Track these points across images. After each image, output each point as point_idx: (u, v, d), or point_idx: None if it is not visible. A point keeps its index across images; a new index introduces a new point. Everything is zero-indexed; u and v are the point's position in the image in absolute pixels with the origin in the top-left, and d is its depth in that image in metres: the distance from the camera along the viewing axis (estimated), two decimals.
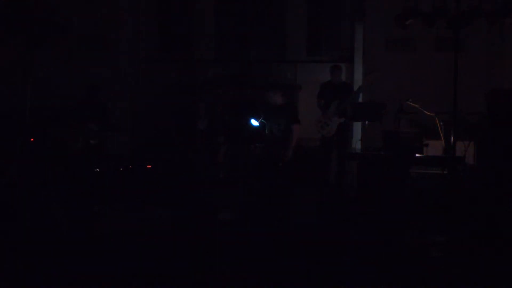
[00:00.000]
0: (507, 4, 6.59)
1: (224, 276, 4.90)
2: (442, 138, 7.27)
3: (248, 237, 5.93)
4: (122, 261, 5.28)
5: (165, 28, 12.19)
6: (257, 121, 6.99)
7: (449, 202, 6.51)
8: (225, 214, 6.69)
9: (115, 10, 10.72)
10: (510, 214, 6.11)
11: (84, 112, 7.39)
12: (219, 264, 5.19)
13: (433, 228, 6.23)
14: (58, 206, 7.30)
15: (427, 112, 7.49)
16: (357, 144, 9.81)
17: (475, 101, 7.73)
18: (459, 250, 5.66)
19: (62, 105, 9.10)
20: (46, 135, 8.47)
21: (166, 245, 5.78)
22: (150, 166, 7.90)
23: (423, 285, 4.75)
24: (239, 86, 11.82)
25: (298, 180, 8.88)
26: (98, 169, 7.65)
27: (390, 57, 10.38)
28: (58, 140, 7.67)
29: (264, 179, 7.24)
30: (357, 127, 10.92)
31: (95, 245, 5.79)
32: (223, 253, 5.57)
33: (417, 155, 7.35)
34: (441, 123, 7.35)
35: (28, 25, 7.26)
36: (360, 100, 9.13)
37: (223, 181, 9.39)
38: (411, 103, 7.61)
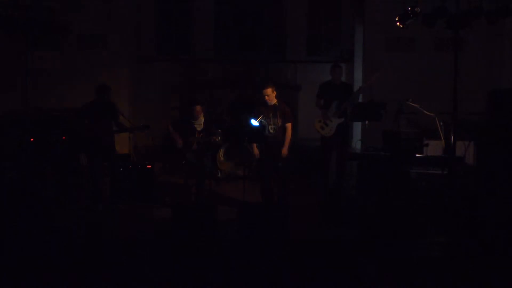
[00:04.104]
0: (507, 4, 6.59)
1: (224, 276, 4.90)
2: (442, 138, 7.26)
3: (248, 238, 5.93)
4: (123, 261, 5.29)
5: (165, 28, 12.20)
6: (257, 121, 6.99)
7: (449, 202, 6.51)
8: (225, 214, 6.69)
9: (115, 10, 10.72)
10: (510, 214, 6.10)
11: (97, 112, 7.36)
12: (219, 265, 5.19)
13: (433, 228, 6.23)
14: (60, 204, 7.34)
15: (427, 112, 7.49)
16: (357, 144, 9.82)
17: (475, 101, 7.73)
18: (459, 250, 5.66)
19: (68, 106, 9.12)
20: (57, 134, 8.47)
21: (166, 245, 5.79)
22: (150, 166, 7.90)
23: (423, 285, 4.75)
24: (239, 86, 11.84)
25: (298, 180, 8.91)
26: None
27: (390, 57, 10.39)
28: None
29: (264, 179, 7.23)
30: (357, 127, 10.93)
31: (96, 245, 5.80)
32: (223, 253, 5.57)
33: (417, 155, 7.35)
34: (441, 123, 7.35)
35: (28, 25, 7.25)
36: (360, 100, 9.14)
37: (222, 181, 9.41)
38: (411, 103, 7.61)
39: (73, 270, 4.97)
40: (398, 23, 7.11)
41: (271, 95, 7.20)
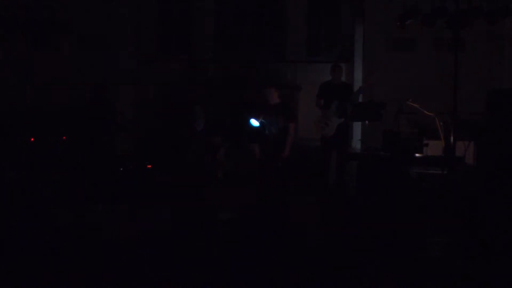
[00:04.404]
0: (507, 4, 6.60)
1: (224, 276, 4.90)
2: (442, 138, 7.26)
3: (248, 238, 5.93)
4: (123, 261, 5.28)
5: (165, 28, 12.20)
6: (257, 121, 6.99)
7: (449, 202, 6.51)
8: (225, 214, 6.69)
9: (115, 10, 10.72)
10: (510, 214, 6.10)
11: (96, 112, 7.37)
12: (219, 265, 5.19)
13: (433, 228, 6.22)
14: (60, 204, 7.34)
15: (427, 112, 7.49)
16: (357, 144, 9.82)
17: (475, 101, 7.73)
18: (459, 250, 5.65)
19: (65, 106, 9.12)
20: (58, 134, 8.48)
21: (166, 245, 5.78)
22: (150, 166, 7.90)
23: (423, 285, 4.75)
24: (239, 86, 11.83)
25: (297, 180, 8.90)
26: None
27: (390, 57, 10.39)
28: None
29: (264, 179, 7.23)
30: (357, 127, 10.93)
31: (96, 245, 5.79)
32: (223, 253, 5.57)
33: (417, 155, 7.35)
34: (441, 123, 7.35)
35: (28, 25, 7.26)
36: (360, 100, 9.15)
37: (222, 181, 9.40)
38: (411, 103, 7.61)
39: (73, 270, 4.97)
40: (398, 23, 7.12)
41: (273, 95, 7.20)
